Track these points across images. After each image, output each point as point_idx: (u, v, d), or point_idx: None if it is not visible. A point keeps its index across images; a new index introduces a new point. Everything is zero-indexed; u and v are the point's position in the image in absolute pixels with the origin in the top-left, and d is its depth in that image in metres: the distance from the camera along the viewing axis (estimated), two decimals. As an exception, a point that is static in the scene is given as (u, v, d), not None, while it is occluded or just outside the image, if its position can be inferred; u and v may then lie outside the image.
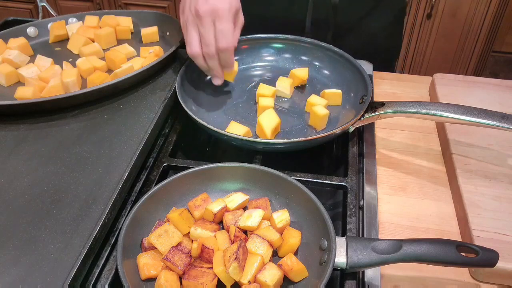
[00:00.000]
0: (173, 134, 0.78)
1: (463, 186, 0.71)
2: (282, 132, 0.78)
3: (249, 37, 0.93)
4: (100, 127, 0.73)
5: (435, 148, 0.83)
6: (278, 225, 0.59)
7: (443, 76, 0.96)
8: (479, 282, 0.62)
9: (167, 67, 0.88)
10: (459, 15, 1.97)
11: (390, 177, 0.77)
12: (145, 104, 0.78)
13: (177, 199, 0.63)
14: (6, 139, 0.71)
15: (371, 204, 0.68)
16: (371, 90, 0.79)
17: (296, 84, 0.89)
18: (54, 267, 0.52)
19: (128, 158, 0.66)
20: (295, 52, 0.93)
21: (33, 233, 0.56)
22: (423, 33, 2.06)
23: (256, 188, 0.65)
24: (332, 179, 0.68)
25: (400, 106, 0.73)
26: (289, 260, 0.55)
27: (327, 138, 0.73)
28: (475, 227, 0.65)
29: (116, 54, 0.88)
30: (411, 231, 0.68)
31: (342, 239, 0.55)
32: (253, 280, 0.53)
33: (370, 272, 0.59)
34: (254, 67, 0.93)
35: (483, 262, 0.52)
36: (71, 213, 0.58)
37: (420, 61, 2.16)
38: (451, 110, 0.70)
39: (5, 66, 0.86)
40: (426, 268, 0.59)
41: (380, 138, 0.84)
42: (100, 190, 0.61)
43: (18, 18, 1.01)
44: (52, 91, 0.80)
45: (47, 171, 0.65)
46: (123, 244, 0.54)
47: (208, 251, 0.55)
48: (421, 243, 0.53)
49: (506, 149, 0.78)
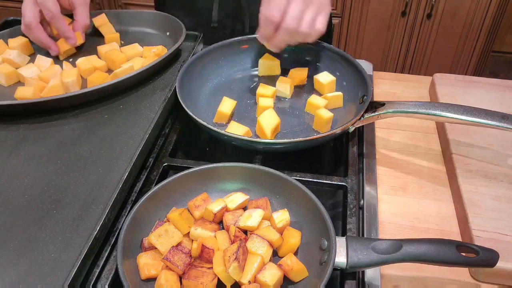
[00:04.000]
0: (173, 134, 0.78)
1: (463, 186, 0.71)
2: (282, 132, 0.78)
3: (249, 37, 0.93)
4: (100, 127, 0.73)
5: (435, 148, 0.83)
6: (278, 225, 0.59)
7: (443, 76, 0.96)
8: (479, 282, 0.62)
9: (167, 67, 0.88)
10: (459, 15, 1.97)
11: (390, 177, 0.77)
12: (145, 104, 0.78)
13: (177, 199, 0.63)
14: (6, 139, 0.71)
15: (371, 204, 0.68)
16: (371, 90, 0.79)
17: (296, 84, 0.89)
18: (54, 267, 0.52)
19: (128, 158, 0.66)
20: (295, 52, 0.93)
21: (33, 233, 0.56)
22: (423, 33, 2.06)
23: (256, 188, 0.65)
24: (332, 179, 0.68)
25: (400, 106, 0.73)
26: (289, 260, 0.55)
27: (327, 138, 0.73)
28: (475, 227, 0.65)
29: (116, 54, 0.88)
30: (411, 231, 0.68)
31: (342, 239, 0.55)
32: (253, 280, 0.53)
33: (370, 272, 0.59)
34: (254, 67, 0.93)
35: (483, 262, 0.52)
36: (71, 213, 0.58)
37: (420, 61, 2.16)
38: (451, 110, 0.70)
39: (5, 66, 0.86)
40: (426, 268, 0.59)
41: (380, 138, 0.84)
42: (100, 190, 0.61)
43: (18, 18, 1.01)
44: (52, 91, 0.80)
45: (47, 171, 0.65)
46: (123, 244, 0.54)
47: (208, 251, 0.55)
48: (421, 243, 0.53)
49: (506, 149, 0.78)
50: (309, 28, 0.72)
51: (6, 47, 0.91)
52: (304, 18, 0.72)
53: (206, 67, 0.89)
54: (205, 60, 0.89)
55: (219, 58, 0.91)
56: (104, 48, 0.91)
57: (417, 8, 1.98)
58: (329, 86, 0.85)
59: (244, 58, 0.93)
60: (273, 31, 0.74)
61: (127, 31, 0.99)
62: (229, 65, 0.92)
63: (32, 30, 0.86)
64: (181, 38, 0.88)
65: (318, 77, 0.86)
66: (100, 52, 0.91)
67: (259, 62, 0.91)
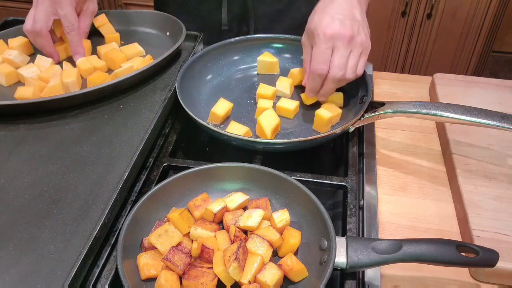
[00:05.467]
0: (173, 134, 0.78)
1: (463, 186, 0.71)
2: (282, 132, 0.78)
3: (249, 37, 0.93)
4: (100, 127, 0.73)
5: (435, 148, 0.83)
6: (278, 225, 0.59)
7: (443, 76, 0.96)
8: (479, 282, 0.62)
9: (167, 67, 0.88)
10: (459, 15, 1.97)
11: (390, 177, 0.77)
12: (145, 104, 0.78)
13: (177, 199, 0.63)
14: (6, 139, 0.71)
15: (371, 204, 0.68)
16: (371, 90, 0.79)
17: (296, 84, 0.89)
18: (54, 267, 0.52)
19: (128, 158, 0.65)
20: (295, 52, 0.93)
21: (33, 233, 0.56)
22: (423, 33, 2.06)
23: (256, 188, 0.65)
24: (332, 179, 0.68)
25: (400, 106, 0.73)
26: (289, 260, 0.55)
27: (327, 138, 0.73)
28: (475, 227, 0.65)
29: (116, 54, 0.88)
30: (411, 231, 0.68)
31: (342, 239, 0.55)
32: (253, 280, 0.53)
33: (370, 272, 0.59)
34: (254, 67, 0.93)
35: (483, 262, 0.52)
36: (71, 213, 0.58)
37: (420, 61, 2.16)
38: (451, 110, 0.70)
39: (5, 66, 0.86)
40: (426, 268, 0.59)
41: (380, 138, 0.84)
42: (100, 190, 0.61)
43: (18, 18, 1.01)
44: (52, 91, 0.80)
45: (47, 171, 0.65)
46: (123, 244, 0.54)
47: (208, 251, 0.55)
48: (421, 243, 0.53)
49: (506, 149, 0.78)
50: (353, 74, 0.73)
51: (6, 47, 0.91)
52: (349, 65, 0.72)
53: (206, 67, 0.89)
54: (205, 60, 0.89)
55: (219, 58, 0.91)
56: (104, 48, 0.91)
57: (417, 8, 1.98)
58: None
59: (244, 58, 0.93)
60: (321, 83, 0.75)
61: (127, 31, 0.99)
62: (229, 65, 0.92)
63: (41, 37, 0.86)
64: (181, 38, 0.88)
65: None
66: (100, 52, 0.91)
67: (258, 60, 0.91)
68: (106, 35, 0.96)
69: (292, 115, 0.80)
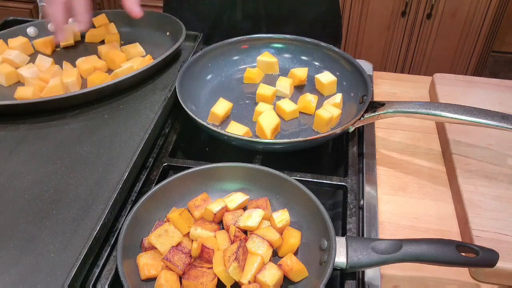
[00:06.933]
0: (173, 134, 0.78)
1: (463, 186, 0.71)
2: (282, 132, 0.78)
3: (249, 37, 0.93)
4: (100, 127, 0.73)
5: (435, 148, 0.83)
6: (278, 225, 0.59)
7: (443, 76, 0.96)
8: (479, 282, 0.63)
9: (167, 67, 0.88)
10: (459, 15, 1.97)
11: (390, 177, 0.77)
12: (145, 104, 0.78)
13: (177, 199, 0.63)
14: (6, 139, 0.71)
15: (371, 204, 0.68)
16: (371, 90, 0.79)
17: (296, 84, 0.89)
18: (54, 267, 0.52)
19: (128, 158, 0.65)
20: (295, 52, 0.93)
21: (33, 233, 0.56)
22: (423, 33, 2.06)
23: (256, 188, 0.65)
24: (332, 179, 0.68)
25: (400, 106, 0.73)
26: (289, 260, 0.55)
27: (327, 138, 0.73)
28: (475, 227, 0.65)
29: (116, 54, 0.88)
30: (411, 231, 0.68)
31: (342, 239, 0.55)
32: (253, 280, 0.53)
33: (370, 272, 0.59)
34: (254, 67, 0.93)
35: (483, 262, 0.52)
36: (71, 213, 0.58)
37: (420, 61, 2.16)
38: (451, 110, 0.70)
39: (5, 66, 0.86)
40: (426, 268, 0.59)
41: (380, 138, 0.84)
42: (100, 190, 0.61)
43: (18, 18, 1.01)
44: (52, 91, 0.80)
45: (47, 171, 0.65)
46: (123, 244, 0.54)
47: (208, 251, 0.55)
48: (421, 243, 0.53)
49: (506, 149, 0.78)
50: None
51: (6, 47, 0.91)
52: None
53: (206, 67, 0.89)
54: (205, 60, 0.89)
55: (219, 58, 0.91)
56: (104, 48, 0.91)
57: (417, 8, 1.98)
58: (330, 86, 0.85)
59: (244, 58, 0.93)
60: None
61: (127, 31, 0.99)
62: (229, 65, 0.92)
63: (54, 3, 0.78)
64: (181, 38, 0.88)
65: (319, 77, 0.86)
66: (100, 52, 0.91)
67: (257, 59, 0.91)
68: (106, 35, 0.96)
69: (291, 117, 0.80)
